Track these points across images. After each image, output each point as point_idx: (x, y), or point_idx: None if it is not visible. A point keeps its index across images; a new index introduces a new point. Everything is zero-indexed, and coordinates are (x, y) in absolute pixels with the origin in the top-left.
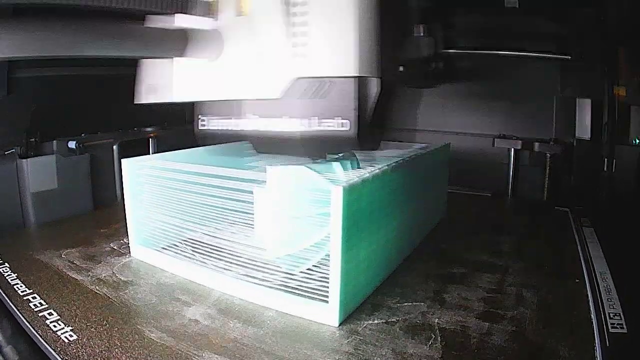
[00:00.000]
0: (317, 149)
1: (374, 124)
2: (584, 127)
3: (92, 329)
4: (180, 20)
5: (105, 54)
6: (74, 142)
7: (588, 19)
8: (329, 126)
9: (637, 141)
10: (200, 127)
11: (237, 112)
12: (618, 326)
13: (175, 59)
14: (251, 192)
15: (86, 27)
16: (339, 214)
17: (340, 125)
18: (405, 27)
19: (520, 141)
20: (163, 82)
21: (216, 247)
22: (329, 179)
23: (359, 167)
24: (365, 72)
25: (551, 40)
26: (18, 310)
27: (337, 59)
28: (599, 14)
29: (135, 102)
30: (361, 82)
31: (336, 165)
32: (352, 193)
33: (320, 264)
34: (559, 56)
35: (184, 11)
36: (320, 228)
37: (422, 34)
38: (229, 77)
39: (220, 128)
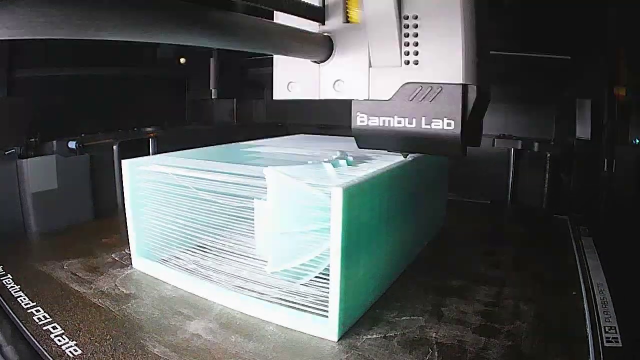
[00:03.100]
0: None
1: (474, 124)
2: (584, 127)
3: (96, 344)
4: (287, 21)
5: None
6: (74, 142)
7: (588, 19)
8: (436, 125)
9: (637, 141)
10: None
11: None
12: (613, 340)
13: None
14: (253, 198)
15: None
16: (339, 216)
17: (447, 124)
18: (486, 34)
19: (520, 141)
20: (301, 80)
21: (217, 258)
22: (325, 190)
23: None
24: (468, 80)
25: (550, 40)
26: (22, 323)
27: (446, 68)
28: (599, 14)
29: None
30: (464, 88)
31: (328, 167)
32: (351, 195)
33: (320, 278)
34: (559, 56)
35: (299, 13)
36: (320, 243)
37: None
38: (339, 79)
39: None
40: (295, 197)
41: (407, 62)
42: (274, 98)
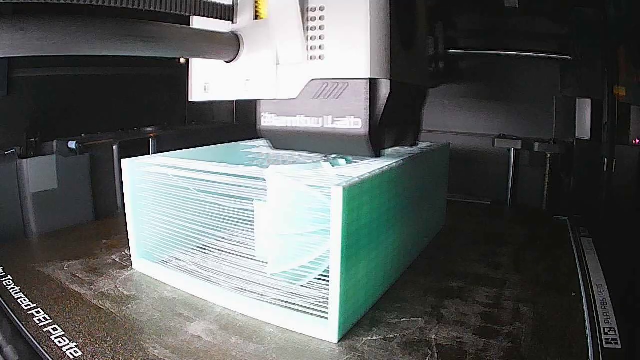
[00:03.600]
0: (331, 146)
1: (393, 122)
2: (584, 127)
3: (97, 345)
4: (200, 23)
5: (157, 55)
6: (74, 142)
7: (588, 19)
8: (342, 125)
9: (637, 141)
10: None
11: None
12: (612, 342)
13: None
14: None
15: (140, 28)
16: (339, 216)
17: (353, 123)
18: (413, 31)
19: (520, 141)
20: (216, 80)
21: (217, 259)
22: (326, 191)
23: (350, 162)
24: (377, 74)
25: (551, 40)
26: (23, 324)
27: (351, 62)
28: (599, 14)
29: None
30: (372, 83)
31: (327, 167)
32: (352, 194)
33: (321, 280)
34: (559, 56)
35: (208, 14)
36: (320, 244)
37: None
38: (248, 78)
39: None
40: (296, 198)
41: (313, 57)
42: (191, 100)
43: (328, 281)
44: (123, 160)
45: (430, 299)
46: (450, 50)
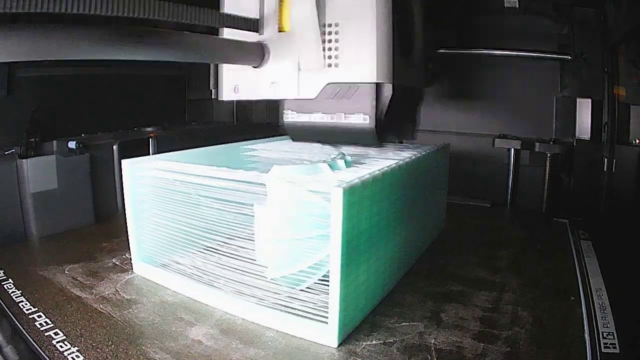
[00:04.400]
0: (343, 137)
1: (396, 118)
2: (584, 127)
3: (98, 350)
4: (230, 34)
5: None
6: (74, 142)
7: (588, 19)
8: (353, 120)
9: (637, 141)
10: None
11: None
12: (611, 346)
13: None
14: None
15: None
16: (339, 217)
17: (363, 119)
18: (411, 40)
19: (520, 141)
20: (244, 82)
21: (218, 263)
22: (326, 197)
23: (349, 164)
24: (382, 79)
25: (551, 40)
26: (24, 329)
27: (361, 69)
28: (599, 14)
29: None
30: (378, 87)
31: (326, 169)
32: (352, 195)
33: (320, 284)
34: (559, 56)
35: (238, 27)
36: (320, 249)
37: None
38: (273, 81)
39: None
40: (296, 203)
41: (330, 65)
42: (221, 99)
43: (328, 285)
44: (123, 161)
45: (430, 303)
46: (448, 50)
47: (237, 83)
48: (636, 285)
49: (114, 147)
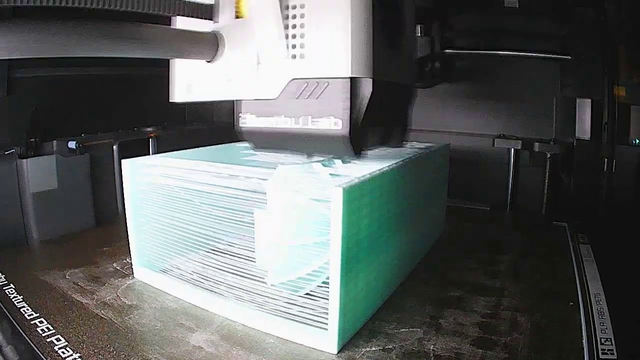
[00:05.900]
0: (312, 147)
1: (378, 122)
2: (584, 127)
3: (100, 356)
4: (182, 23)
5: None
6: (74, 142)
7: (588, 19)
8: (322, 125)
9: (637, 141)
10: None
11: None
12: (609, 352)
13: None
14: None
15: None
16: (339, 217)
17: (334, 124)
18: (399, 29)
19: (520, 141)
20: (199, 81)
21: (218, 269)
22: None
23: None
24: (360, 72)
25: (551, 40)
26: (26, 335)
27: (331, 61)
28: (599, 14)
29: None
30: (353, 82)
31: (325, 173)
32: (352, 195)
33: (320, 290)
34: (559, 56)
35: (188, 14)
36: (320, 256)
37: (418, 34)
38: (229, 78)
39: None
40: (296, 210)
41: (294, 56)
42: (172, 101)
43: (328, 291)
44: (123, 161)
45: (429, 309)
46: (447, 50)
47: (190, 81)
48: (634, 290)
49: (114, 147)
